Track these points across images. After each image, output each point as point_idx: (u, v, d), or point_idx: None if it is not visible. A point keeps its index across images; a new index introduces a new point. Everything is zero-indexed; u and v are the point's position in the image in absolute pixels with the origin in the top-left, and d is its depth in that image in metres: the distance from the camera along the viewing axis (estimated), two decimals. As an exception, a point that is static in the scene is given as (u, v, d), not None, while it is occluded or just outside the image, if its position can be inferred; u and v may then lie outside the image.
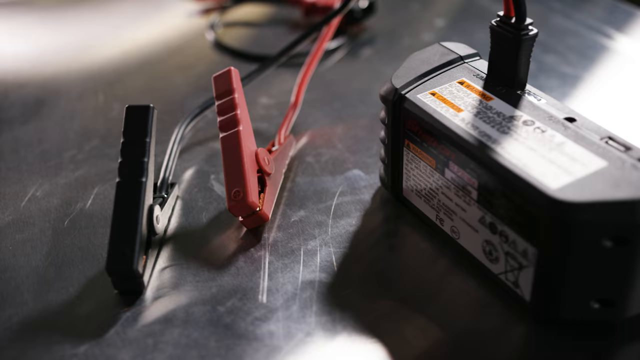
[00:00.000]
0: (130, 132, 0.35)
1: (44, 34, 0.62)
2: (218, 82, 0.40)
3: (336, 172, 0.42)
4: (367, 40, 0.60)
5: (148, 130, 0.35)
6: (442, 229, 0.36)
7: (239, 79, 0.40)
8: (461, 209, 0.34)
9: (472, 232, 0.34)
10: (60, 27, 0.63)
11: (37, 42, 0.61)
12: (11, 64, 0.57)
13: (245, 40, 0.61)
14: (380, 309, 0.33)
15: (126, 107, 0.36)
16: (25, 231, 0.38)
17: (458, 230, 0.35)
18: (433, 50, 0.39)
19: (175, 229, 0.38)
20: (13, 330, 0.32)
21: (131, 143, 0.35)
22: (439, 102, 0.35)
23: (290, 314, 0.33)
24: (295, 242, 0.37)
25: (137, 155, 0.35)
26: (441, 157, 0.34)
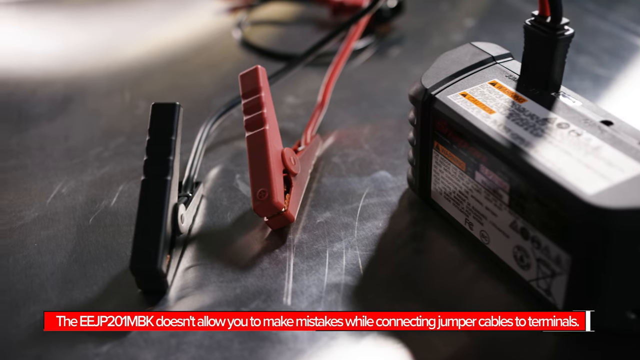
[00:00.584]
0: (156, 130, 0.35)
1: (72, 31, 0.62)
2: (245, 81, 0.39)
3: (363, 173, 0.42)
4: (395, 39, 0.59)
5: (174, 128, 0.35)
6: (471, 233, 0.35)
7: (266, 78, 0.40)
8: (491, 213, 0.33)
9: (502, 237, 0.33)
10: (88, 24, 0.64)
11: (65, 40, 0.61)
12: (39, 61, 0.57)
13: (272, 39, 0.60)
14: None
15: (152, 105, 0.35)
16: (50, 228, 0.37)
17: (488, 235, 0.34)
18: (464, 50, 0.38)
19: (199, 229, 0.38)
20: (37, 327, 0.31)
21: (157, 141, 0.34)
22: (469, 103, 0.34)
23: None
24: (321, 244, 0.36)
25: (162, 153, 0.34)
26: (472, 160, 0.33)
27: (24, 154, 0.44)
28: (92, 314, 0.31)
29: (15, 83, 0.54)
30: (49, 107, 0.50)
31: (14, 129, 0.47)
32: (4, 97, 0.52)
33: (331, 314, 0.31)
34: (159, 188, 0.33)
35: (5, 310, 0.32)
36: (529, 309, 0.32)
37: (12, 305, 0.32)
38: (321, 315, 0.31)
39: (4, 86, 0.53)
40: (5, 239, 0.37)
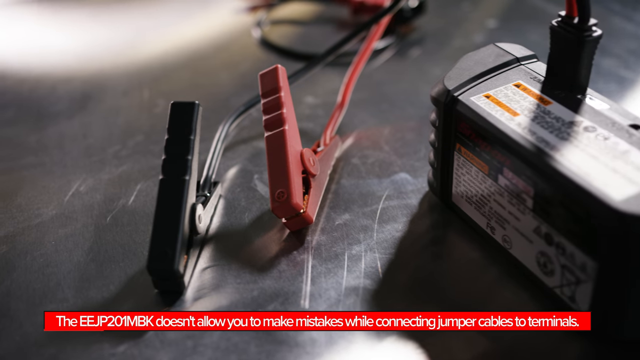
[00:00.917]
0: (174, 129, 0.34)
1: (92, 29, 0.62)
2: (264, 80, 0.39)
3: (382, 175, 0.41)
4: (416, 40, 0.58)
5: (193, 127, 0.34)
6: (493, 237, 0.34)
7: (285, 77, 0.39)
8: (515, 218, 0.32)
9: (525, 242, 0.32)
10: (108, 22, 0.63)
11: (85, 38, 0.61)
12: (59, 58, 0.57)
13: (292, 39, 0.60)
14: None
15: (171, 104, 0.35)
16: (68, 226, 0.37)
17: (510, 240, 0.33)
18: (487, 51, 0.37)
19: (217, 229, 0.37)
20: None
21: (175, 140, 0.34)
22: (493, 105, 0.33)
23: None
24: (339, 247, 0.36)
25: (181, 152, 0.34)
26: (495, 163, 0.33)
27: (42, 152, 0.44)
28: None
29: (35, 80, 0.54)
30: (68, 104, 0.50)
31: (33, 126, 0.47)
32: (24, 94, 0.52)
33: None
34: (177, 188, 0.33)
35: (22, 309, 0.32)
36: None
37: (28, 304, 0.32)
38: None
39: (24, 83, 0.53)
40: (23, 237, 0.37)
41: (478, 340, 0.30)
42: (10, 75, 0.54)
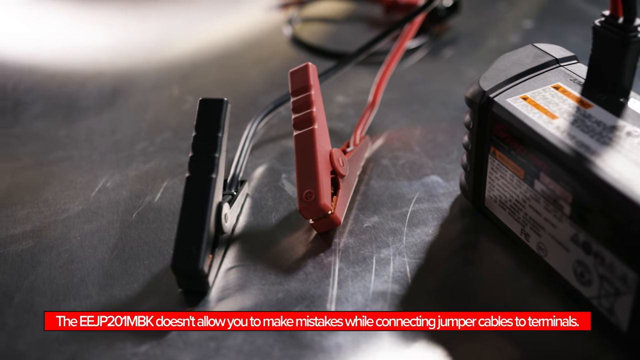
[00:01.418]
0: (202, 126, 0.34)
1: (124, 25, 0.62)
2: (294, 78, 0.38)
3: (413, 177, 0.40)
4: (450, 40, 0.57)
5: (221, 124, 0.34)
6: (528, 244, 0.33)
7: (316, 76, 0.38)
8: (551, 225, 0.31)
9: (562, 250, 0.31)
10: (140, 18, 0.63)
11: (116, 33, 0.61)
12: (90, 54, 0.57)
13: (323, 37, 0.59)
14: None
15: (200, 100, 0.34)
16: (93, 222, 0.37)
17: (545, 248, 0.32)
18: (525, 52, 0.36)
19: (243, 228, 0.37)
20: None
21: (203, 137, 0.34)
22: (530, 108, 0.32)
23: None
24: (368, 250, 0.35)
25: (208, 150, 0.33)
26: (531, 167, 0.31)
27: (71, 146, 0.44)
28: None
29: (65, 75, 0.54)
30: (97, 100, 0.50)
31: (63, 120, 0.47)
32: (54, 89, 0.52)
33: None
34: (204, 186, 0.33)
35: (45, 305, 0.32)
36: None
37: (52, 300, 0.32)
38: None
39: (54, 78, 0.53)
40: (49, 232, 0.36)
41: (509, 350, 0.29)
42: (40, 70, 0.55)
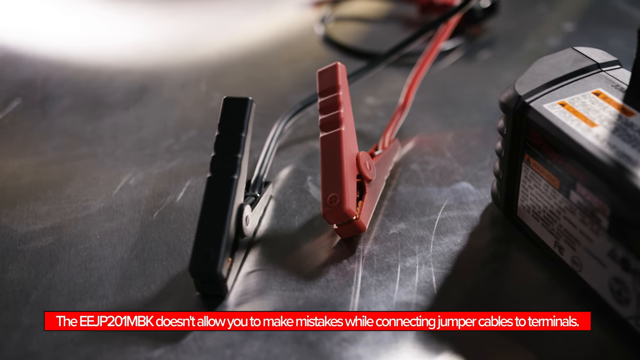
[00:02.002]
0: (226, 125, 0.33)
1: (155, 21, 0.62)
2: (323, 78, 0.37)
3: (443, 183, 0.39)
4: (486, 42, 0.55)
5: (245, 124, 0.33)
6: (561, 258, 0.32)
7: (345, 76, 0.37)
8: (587, 239, 0.29)
9: (598, 266, 0.29)
10: (172, 15, 0.63)
11: (147, 30, 0.60)
12: (120, 50, 0.57)
13: (356, 36, 0.58)
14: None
15: (224, 99, 0.34)
16: (114, 220, 0.36)
17: (580, 262, 0.30)
18: (565, 56, 0.34)
19: (265, 231, 0.36)
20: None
21: (226, 137, 0.33)
22: (569, 114, 0.31)
23: (381, 338, 0.29)
24: (393, 258, 0.34)
25: (231, 150, 0.32)
26: (567, 177, 0.30)
27: (96, 142, 0.44)
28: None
29: (94, 70, 0.53)
30: (125, 96, 0.49)
31: (90, 116, 0.47)
32: (82, 84, 0.51)
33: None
34: (225, 187, 0.32)
35: (62, 304, 0.31)
36: (623, 348, 0.28)
37: (68, 299, 0.31)
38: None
39: (82, 73, 0.53)
40: (69, 229, 0.36)
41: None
42: (70, 65, 0.54)
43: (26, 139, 0.45)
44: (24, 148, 0.44)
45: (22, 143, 0.44)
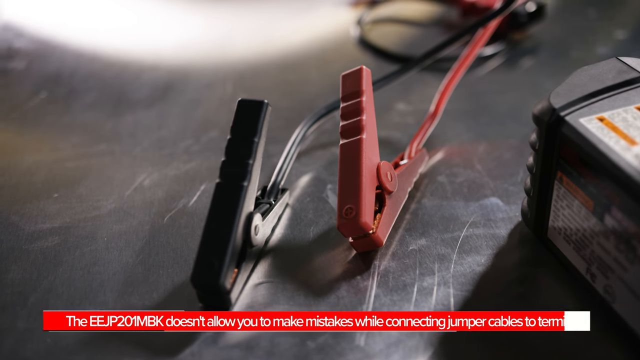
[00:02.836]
0: (238, 129, 0.31)
1: (190, 19, 0.61)
2: (346, 82, 0.35)
3: (471, 197, 0.36)
4: (530, 48, 0.53)
5: (258, 129, 0.31)
6: (593, 286, 0.29)
7: (370, 81, 0.35)
8: (621, 267, 0.27)
9: (632, 298, 0.27)
10: (207, 14, 0.62)
11: (181, 27, 0.59)
12: (151, 46, 0.56)
13: (393, 39, 0.56)
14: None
15: (238, 101, 0.32)
16: (123, 222, 0.35)
17: (613, 292, 0.28)
18: (608, 66, 0.32)
19: (277, 241, 0.34)
20: (87, 331, 0.29)
21: (238, 141, 0.31)
22: (607, 131, 0.28)
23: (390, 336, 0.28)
24: (410, 276, 0.31)
25: (242, 155, 0.31)
26: (602, 199, 0.27)
27: (114, 140, 0.43)
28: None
29: (122, 65, 0.52)
30: (150, 93, 0.48)
31: (112, 112, 0.46)
32: (108, 79, 0.51)
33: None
34: (234, 194, 0.30)
35: (60, 309, 0.30)
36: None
37: (67, 304, 0.30)
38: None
39: (110, 68, 0.52)
40: (77, 230, 0.35)
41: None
42: (99, 59, 0.54)
43: (46, 134, 0.44)
44: (43, 143, 0.43)
45: (41, 138, 0.44)
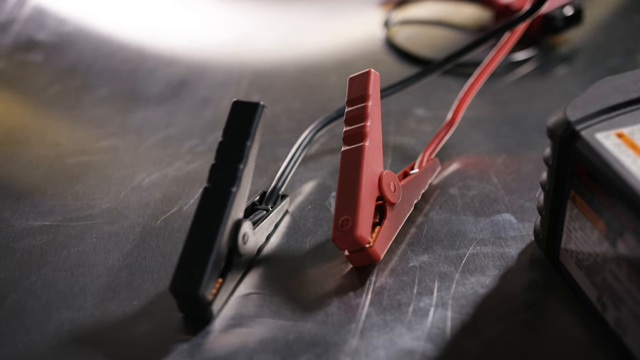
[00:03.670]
0: (230, 132, 0.30)
1: (211, 15, 0.59)
2: (353, 85, 0.33)
3: (482, 212, 0.34)
4: (565, 55, 0.50)
5: (251, 132, 0.30)
6: (604, 316, 0.27)
7: (377, 85, 0.33)
8: (633, 299, 0.24)
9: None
10: (229, 11, 0.60)
11: (201, 23, 0.58)
12: (170, 41, 0.55)
13: (422, 42, 0.53)
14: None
15: (233, 102, 0.30)
16: (115, 223, 0.34)
17: (624, 325, 0.25)
18: (635, 77, 0.29)
19: (272, 250, 0.32)
20: (60, 338, 0.28)
21: (229, 145, 0.30)
22: (625, 148, 0.25)
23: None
24: (406, 295, 0.29)
25: (233, 160, 0.29)
26: (615, 223, 0.25)
27: (119, 137, 0.42)
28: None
29: (140, 60, 0.51)
30: (162, 89, 0.47)
31: (122, 108, 0.45)
32: (124, 73, 0.50)
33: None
34: (221, 200, 0.29)
35: (36, 312, 0.29)
36: None
37: (45, 307, 0.29)
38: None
39: (128, 63, 0.51)
40: (67, 229, 0.34)
41: None
42: (117, 53, 0.53)
43: (52, 127, 0.43)
44: (47, 137, 0.42)
45: (47, 132, 0.43)
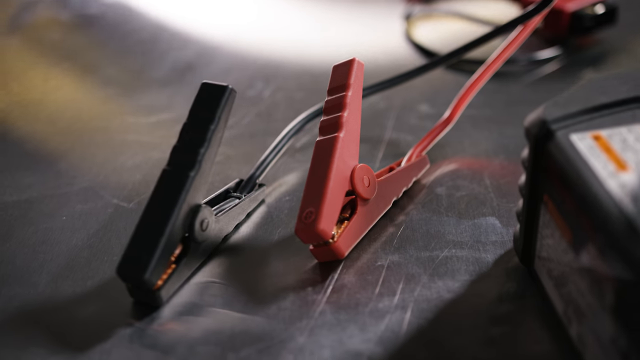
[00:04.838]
0: (195, 114, 0.29)
1: (248, 6, 0.59)
2: (335, 74, 0.32)
3: (466, 214, 0.32)
4: (593, 56, 0.47)
5: (216, 115, 0.29)
6: (569, 331, 0.25)
7: (361, 74, 0.32)
8: (592, 314, 0.22)
9: (599, 350, 0.22)
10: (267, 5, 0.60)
11: (225, 7, 0.57)
12: (184, 24, 0.54)
13: (444, 37, 0.51)
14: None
15: (202, 83, 0.30)
16: (88, 202, 0.34)
17: (585, 342, 0.23)
18: (625, 77, 0.27)
19: (238, 239, 0.31)
20: (6, 313, 0.28)
21: (193, 127, 0.29)
22: (598, 152, 0.23)
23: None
24: (366, 294, 0.28)
25: (194, 143, 0.28)
26: (580, 232, 0.23)
27: (113, 118, 0.42)
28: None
29: (150, 43, 0.51)
30: (168, 73, 0.47)
31: (126, 90, 0.45)
32: (135, 55, 0.50)
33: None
34: (177, 183, 0.28)
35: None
36: None
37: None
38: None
39: (139, 45, 0.51)
40: (40, 205, 0.34)
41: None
42: (131, 35, 0.52)
43: (48, 106, 0.43)
44: (41, 113, 0.42)
45: (42, 109, 0.43)
